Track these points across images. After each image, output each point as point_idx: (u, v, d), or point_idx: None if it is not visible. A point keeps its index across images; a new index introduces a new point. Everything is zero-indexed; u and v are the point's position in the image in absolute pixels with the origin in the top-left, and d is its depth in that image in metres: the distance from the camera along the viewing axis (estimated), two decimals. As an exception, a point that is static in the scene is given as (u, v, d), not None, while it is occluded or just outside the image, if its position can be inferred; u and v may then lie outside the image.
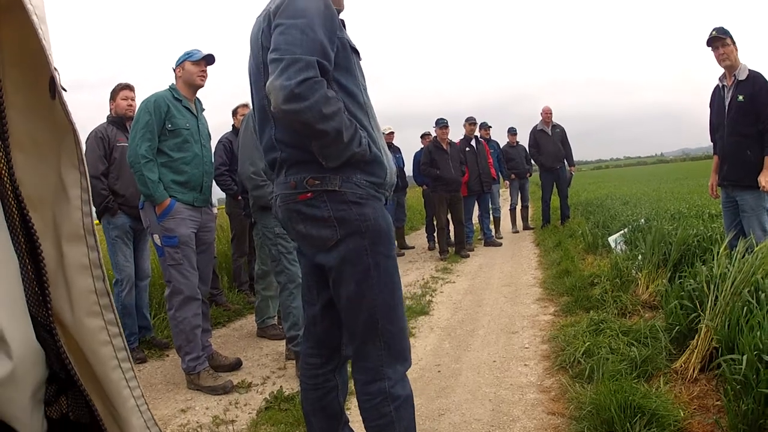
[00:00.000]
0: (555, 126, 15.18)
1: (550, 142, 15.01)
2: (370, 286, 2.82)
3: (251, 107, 3.38)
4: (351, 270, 2.81)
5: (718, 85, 6.48)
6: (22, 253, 1.08)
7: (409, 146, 16.04)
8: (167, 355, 6.61)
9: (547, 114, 15.14)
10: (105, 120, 6.59)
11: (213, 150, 6.97)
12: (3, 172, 1.06)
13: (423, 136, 15.27)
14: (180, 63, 5.46)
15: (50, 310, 1.11)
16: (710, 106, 6.64)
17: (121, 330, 1.23)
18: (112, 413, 1.23)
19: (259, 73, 2.91)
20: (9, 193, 1.06)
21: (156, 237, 5.30)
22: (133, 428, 1.24)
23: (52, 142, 1.10)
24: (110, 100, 6.62)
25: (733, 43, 6.13)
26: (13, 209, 1.07)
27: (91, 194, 1.15)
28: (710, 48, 6.23)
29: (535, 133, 15.24)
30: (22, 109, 1.06)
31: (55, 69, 1.06)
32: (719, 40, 6.11)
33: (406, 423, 2.94)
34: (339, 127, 2.62)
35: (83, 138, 6.30)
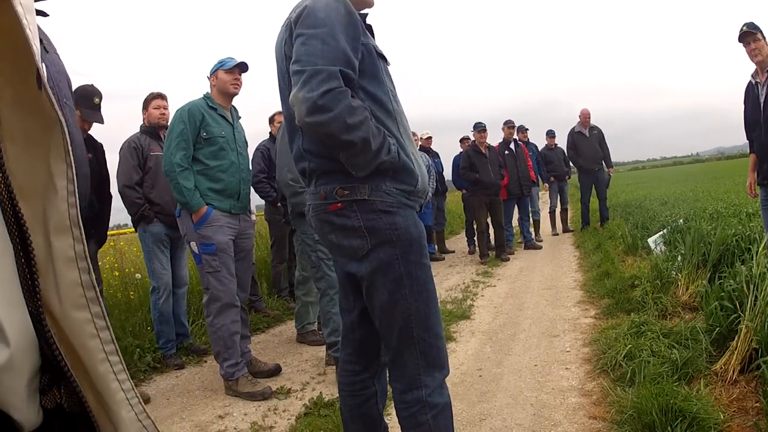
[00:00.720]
0: (593, 128, 15.15)
1: (588, 144, 14.99)
2: (404, 295, 2.81)
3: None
4: (383, 279, 2.81)
5: (750, 82, 6.43)
6: (14, 244, 1.08)
7: (448, 151, 16.04)
8: (205, 362, 6.70)
9: (585, 117, 15.11)
10: (138, 130, 6.69)
11: (251, 157, 7.05)
12: None
13: (462, 140, 15.30)
14: (213, 72, 5.51)
15: (40, 300, 1.11)
16: (744, 104, 6.58)
17: (109, 323, 1.21)
18: (102, 405, 1.24)
19: (284, 83, 2.93)
20: (0, 184, 1.07)
21: (193, 244, 5.37)
22: (122, 421, 1.24)
23: (41, 134, 1.10)
24: (143, 109, 6.71)
25: (764, 38, 6.09)
26: (5, 200, 1.08)
27: (76, 185, 1.16)
28: (741, 44, 6.20)
29: (573, 135, 15.23)
30: (14, 100, 1.07)
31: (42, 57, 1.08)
32: (750, 36, 6.08)
33: (445, 431, 2.93)
34: (366, 137, 2.61)
35: (117, 148, 6.39)
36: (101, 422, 1.25)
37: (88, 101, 5.53)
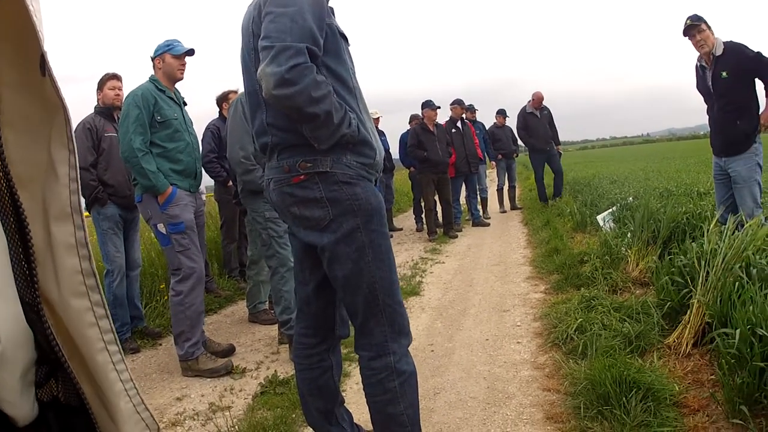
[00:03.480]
0: (543, 108, 15.28)
1: (539, 125, 15.10)
2: (367, 263, 2.89)
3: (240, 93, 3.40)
4: (346, 249, 2.87)
5: (697, 65, 6.62)
6: (11, 233, 1.06)
7: (396, 130, 16.11)
8: (160, 344, 6.60)
9: (538, 100, 15.17)
10: (92, 111, 6.52)
11: (200, 137, 6.97)
12: None
13: (412, 119, 15.12)
14: (159, 54, 5.44)
15: (37, 290, 1.09)
16: (697, 88, 6.75)
17: (108, 312, 1.20)
18: (100, 397, 1.22)
19: (250, 59, 2.99)
20: None
21: (161, 226, 5.28)
22: (120, 412, 1.23)
23: (43, 120, 1.09)
24: (97, 90, 6.55)
25: (709, 27, 6.27)
26: (3, 188, 1.06)
27: (78, 172, 1.14)
28: (687, 37, 6.38)
29: (525, 116, 15.26)
30: (15, 86, 1.05)
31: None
32: (695, 28, 6.26)
33: (410, 399, 3.00)
34: (329, 110, 2.70)
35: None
36: (98, 414, 1.23)
37: None
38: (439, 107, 13.13)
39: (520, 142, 16.35)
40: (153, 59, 5.49)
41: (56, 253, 1.12)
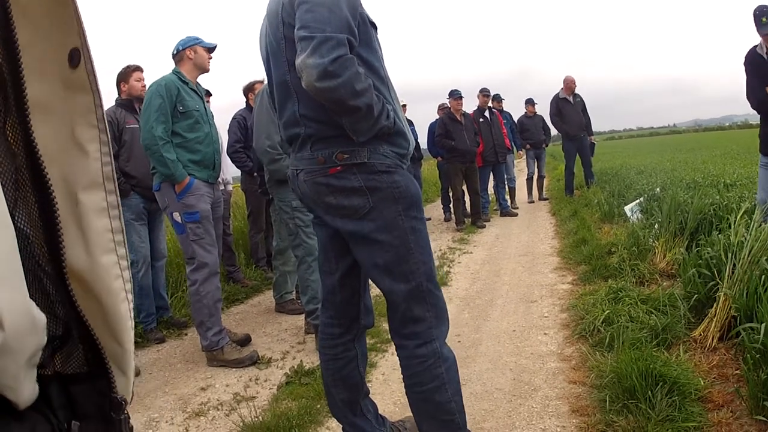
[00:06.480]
0: (575, 95, 15.07)
1: (573, 111, 14.90)
2: (410, 249, 2.88)
3: (266, 83, 3.39)
4: (388, 236, 2.86)
5: (756, 50, 6.11)
6: (31, 210, 1.05)
7: (423, 119, 16.05)
8: (186, 334, 6.64)
9: (570, 83, 14.95)
10: (114, 103, 6.56)
11: (227, 127, 7.17)
12: (16, 129, 1.03)
13: (440, 108, 15.01)
14: (191, 46, 5.52)
15: (64, 261, 1.08)
16: (754, 71, 6.21)
17: (129, 263, 1.22)
18: (119, 356, 1.21)
19: (279, 48, 2.92)
20: (22, 150, 1.04)
21: (176, 215, 5.35)
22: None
23: (69, 99, 1.08)
24: (121, 82, 6.56)
25: None
26: (24, 168, 1.04)
27: (111, 148, 1.15)
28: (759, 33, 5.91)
29: (558, 102, 15.04)
30: (45, 66, 1.04)
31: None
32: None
33: (455, 386, 3.00)
34: (370, 103, 2.67)
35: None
36: (117, 375, 1.22)
37: None
38: (462, 97, 13.07)
39: (553, 130, 16.26)
40: (181, 51, 5.55)
41: (85, 217, 1.13)
